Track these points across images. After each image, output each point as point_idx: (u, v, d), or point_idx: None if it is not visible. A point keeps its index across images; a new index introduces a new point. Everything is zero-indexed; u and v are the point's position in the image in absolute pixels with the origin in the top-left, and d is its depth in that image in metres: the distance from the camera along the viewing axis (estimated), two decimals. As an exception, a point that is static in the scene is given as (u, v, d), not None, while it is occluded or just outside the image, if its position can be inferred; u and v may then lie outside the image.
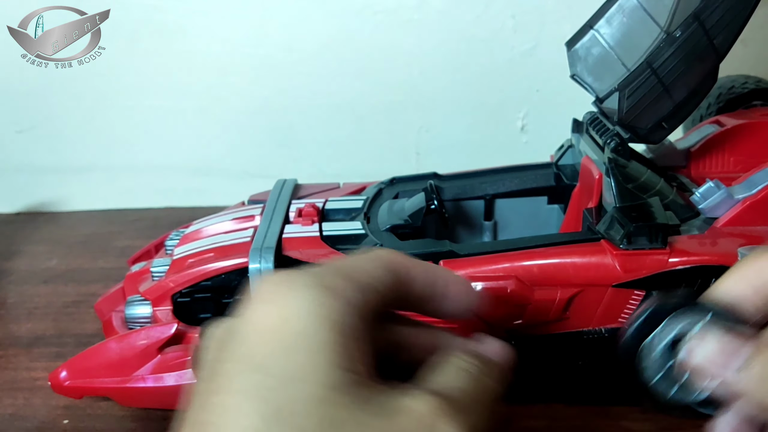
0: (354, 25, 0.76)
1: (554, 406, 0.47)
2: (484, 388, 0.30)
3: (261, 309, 0.29)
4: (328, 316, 0.28)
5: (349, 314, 0.29)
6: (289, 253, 0.47)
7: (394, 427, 0.27)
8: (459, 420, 0.27)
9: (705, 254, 0.44)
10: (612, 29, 0.50)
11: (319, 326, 0.28)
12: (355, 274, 0.30)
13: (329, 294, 0.29)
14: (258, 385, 0.26)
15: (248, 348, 0.27)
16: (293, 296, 0.28)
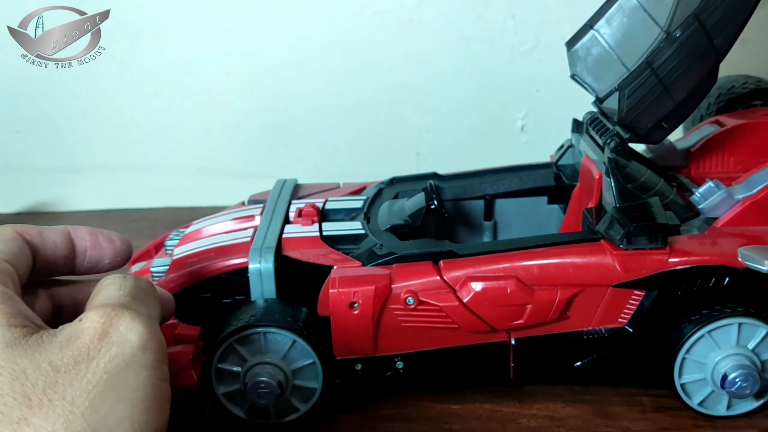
0: (354, 25, 0.76)
1: (554, 406, 0.47)
2: (136, 285, 0.35)
3: None
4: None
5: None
6: (289, 253, 0.48)
7: (78, 347, 0.30)
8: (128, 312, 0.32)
9: (705, 254, 0.44)
10: (612, 29, 0.50)
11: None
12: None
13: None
14: None
15: None
16: None
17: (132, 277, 0.36)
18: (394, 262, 0.46)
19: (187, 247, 0.50)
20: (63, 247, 0.37)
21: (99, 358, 0.30)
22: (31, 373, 0.29)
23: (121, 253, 0.40)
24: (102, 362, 0.30)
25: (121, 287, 0.34)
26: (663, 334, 0.45)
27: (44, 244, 0.37)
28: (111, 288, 0.34)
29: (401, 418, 0.47)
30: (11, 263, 0.34)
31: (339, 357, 0.46)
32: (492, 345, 0.46)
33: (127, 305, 0.33)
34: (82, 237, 0.38)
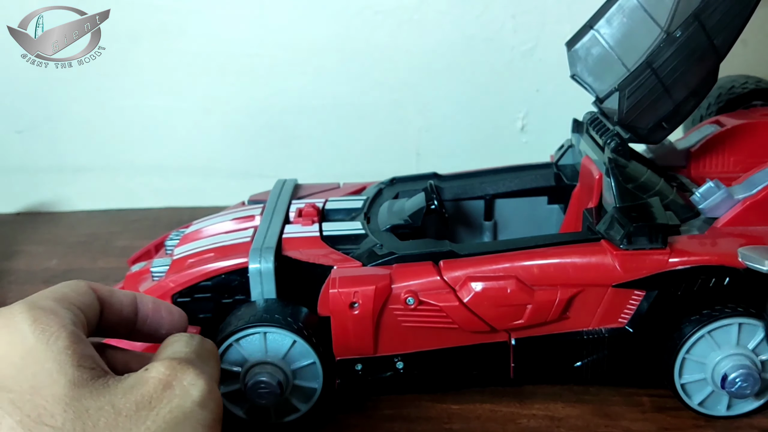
0: (354, 25, 0.76)
1: (554, 406, 0.47)
2: (202, 345, 0.36)
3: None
4: (47, 330, 0.32)
5: (66, 325, 0.33)
6: (289, 253, 0.48)
7: (142, 394, 0.31)
8: (193, 368, 0.33)
9: (705, 254, 0.44)
10: (612, 29, 0.50)
11: (43, 340, 0.32)
12: (63, 296, 0.35)
13: (43, 313, 0.33)
14: (5, 399, 0.30)
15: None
16: (11, 323, 0.32)
17: (198, 337, 0.37)
18: (394, 262, 0.46)
19: (187, 247, 0.50)
20: (128, 310, 0.39)
21: (160, 408, 0.31)
22: (94, 413, 0.30)
23: (177, 327, 0.41)
24: (162, 412, 0.31)
25: (188, 344, 0.36)
26: (663, 334, 0.45)
27: (112, 303, 0.38)
28: (178, 344, 0.36)
29: (401, 418, 0.47)
30: (84, 313, 0.35)
31: (339, 357, 0.46)
32: (492, 345, 0.46)
33: (192, 362, 0.34)
34: (146, 304, 0.40)
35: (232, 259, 0.47)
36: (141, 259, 0.57)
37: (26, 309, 0.33)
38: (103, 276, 0.66)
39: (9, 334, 0.32)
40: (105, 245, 0.74)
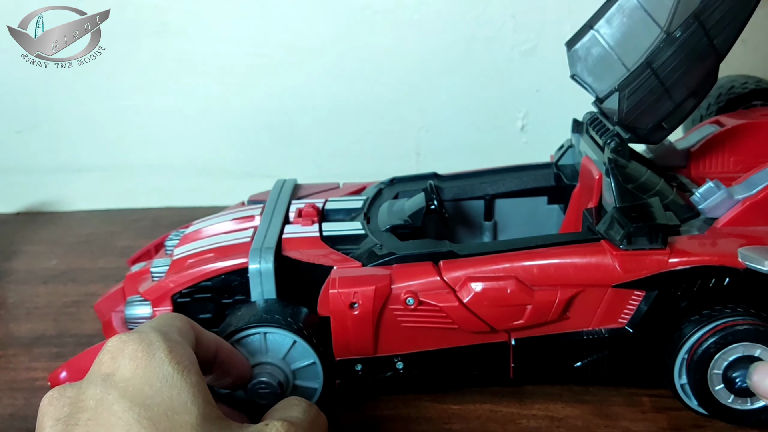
0: (354, 25, 0.76)
1: (554, 406, 0.47)
2: (316, 415, 0.39)
3: (126, 363, 0.35)
4: (182, 362, 0.35)
5: (195, 362, 0.36)
6: (288, 254, 0.48)
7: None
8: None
9: (705, 254, 0.44)
10: (612, 29, 0.50)
11: (180, 370, 0.34)
12: (182, 332, 0.38)
13: (176, 345, 0.36)
14: (143, 415, 0.33)
15: (126, 391, 0.33)
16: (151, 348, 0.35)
17: (315, 407, 0.40)
18: (394, 262, 0.46)
19: (187, 247, 0.50)
20: (211, 352, 0.41)
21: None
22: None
23: (244, 378, 0.43)
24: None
25: (305, 412, 0.39)
26: (663, 334, 0.45)
27: (202, 343, 0.40)
28: (297, 409, 0.39)
29: (401, 418, 0.47)
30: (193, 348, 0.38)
31: (339, 357, 0.46)
32: (492, 345, 0.46)
33: (306, 429, 0.37)
34: (224, 350, 0.42)
35: (232, 260, 0.47)
36: (141, 259, 0.57)
37: (162, 338, 0.36)
38: (103, 276, 0.66)
39: (149, 358, 0.35)
40: (105, 245, 0.74)
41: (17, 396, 0.51)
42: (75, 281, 0.67)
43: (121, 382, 0.34)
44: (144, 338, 0.35)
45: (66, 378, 0.46)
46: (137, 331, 0.36)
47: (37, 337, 0.58)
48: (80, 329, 0.58)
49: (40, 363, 0.54)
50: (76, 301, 0.63)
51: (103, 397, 0.33)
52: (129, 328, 0.48)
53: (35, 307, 0.63)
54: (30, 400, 0.50)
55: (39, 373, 0.53)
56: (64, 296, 0.64)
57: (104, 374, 0.35)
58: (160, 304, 0.47)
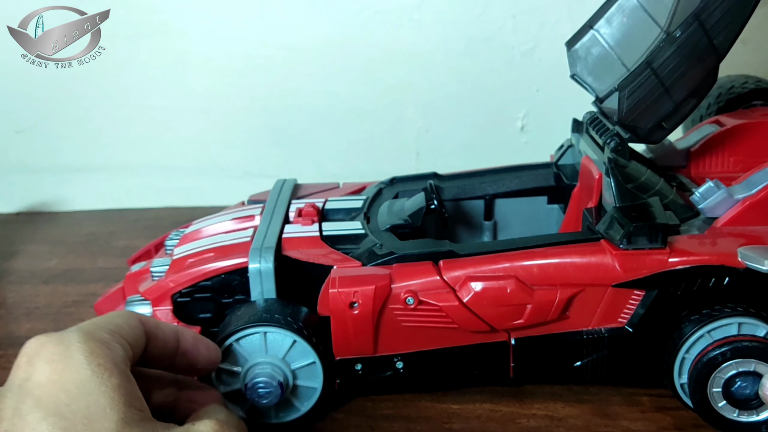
0: (354, 25, 0.76)
1: (554, 405, 0.47)
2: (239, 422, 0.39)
3: (42, 367, 0.33)
4: (103, 364, 0.33)
5: (118, 363, 0.34)
6: (288, 253, 0.48)
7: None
8: None
9: (705, 254, 0.44)
10: (612, 29, 0.50)
11: (100, 373, 0.33)
12: (116, 329, 0.36)
13: (101, 345, 0.34)
14: (57, 426, 0.31)
15: (41, 400, 0.32)
16: (69, 351, 0.33)
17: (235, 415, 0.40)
18: (394, 262, 0.46)
19: (187, 247, 0.50)
20: (170, 344, 0.40)
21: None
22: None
23: (214, 363, 0.43)
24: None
25: (228, 416, 0.39)
26: (663, 334, 0.45)
27: (156, 336, 0.39)
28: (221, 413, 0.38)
29: (401, 418, 0.47)
30: (132, 347, 0.37)
31: (339, 357, 0.46)
32: (492, 345, 0.46)
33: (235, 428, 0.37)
34: (186, 339, 0.41)
35: (232, 259, 0.47)
36: (141, 259, 0.57)
37: (83, 339, 0.34)
38: (103, 276, 0.66)
39: (65, 361, 0.33)
40: (105, 245, 0.74)
41: (17, 396, 0.51)
42: (75, 281, 0.67)
43: (36, 388, 0.33)
44: (63, 339, 0.34)
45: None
46: (58, 333, 0.35)
47: (37, 336, 0.58)
48: (80, 329, 0.58)
49: (40, 363, 0.54)
50: (76, 301, 0.63)
51: (18, 406, 0.32)
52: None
53: (35, 307, 0.63)
54: (30, 400, 0.50)
55: (39, 372, 0.53)
56: (64, 296, 0.64)
57: (20, 380, 0.33)
58: (160, 303, 0.47)
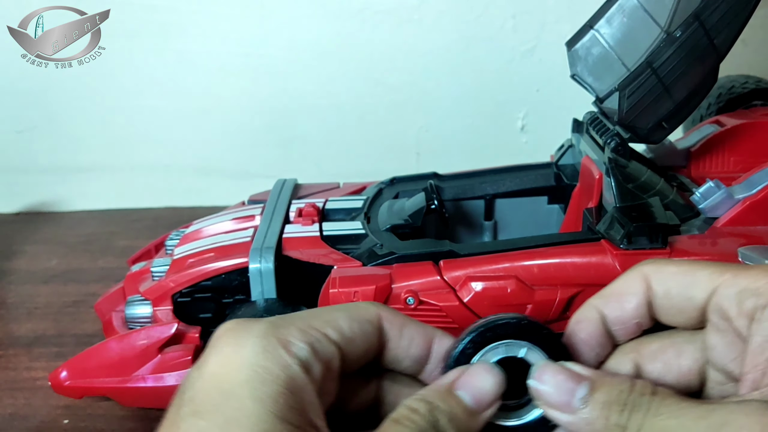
0: (354, 25, 0.76)
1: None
2: None
3: (212, 356, 0.30)
4: (270, 368, 0.29)
5: (289, 366, 0.30)
6: (289, 253, 0.48)
7: None
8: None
9: (705, 254, 0.44)
10: (612, 29, 0.50)
11: (261, 376, 0.29)
12: (319, 327, 0.31)
13: (277, 345, 0.30)
14: (198, 428, 0.28)
15: (194, 393, 0.29)
16: (241, 345, 0.30)
17: None
18: (395, 261, 0.46)
19: (188, 247, 0.50)
20: (417, 349, 0.34)
21: None
22: None
23: None
24: None
25: None
26: (663, 333, 0.45)
27: (400, 338, 0.33)
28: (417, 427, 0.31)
29: (401, 418, 0.47)
30: (342, 347, 0.32)
31: (339, 357, 0.46)
32: (492, 345, 0.46)
33: None
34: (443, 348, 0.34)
35: (232, 259, 0.47)
36: (141, 259, 0.57)
37: (265, 334, 0.30)
38: (103, 276, 0.66)
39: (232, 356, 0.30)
40: (105, 245, 0.74)
41: (17, 396, 0.51)
42: (75, 281, 0.67)
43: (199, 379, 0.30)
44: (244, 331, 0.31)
45: (66, 378, 0.46)
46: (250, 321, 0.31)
47: (37, 337, 0.58)
48: (80, 329, 0.58)
49: (40, 363, 0.54)
50: (76, 301, 0.62)
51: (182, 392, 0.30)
52: (129, 327, 0.48)
53: (35, 307, 0.63)
54: (30, 400, 0.50)
55: (39, 373, 0.53)
56: (64, 296, 0.64)
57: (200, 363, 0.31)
58: (161, 303, 0.47)
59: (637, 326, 0.34)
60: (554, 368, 0.32)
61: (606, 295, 0.34)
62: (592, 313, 0.34)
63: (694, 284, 0.32)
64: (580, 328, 0.34)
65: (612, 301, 0.34)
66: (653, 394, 0.30)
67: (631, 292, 0.34)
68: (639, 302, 0.33)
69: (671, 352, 0.33)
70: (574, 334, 0.34)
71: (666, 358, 0.33)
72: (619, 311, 0.34)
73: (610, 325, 0.34)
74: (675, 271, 0.33)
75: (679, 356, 0.33)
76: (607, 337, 0.34)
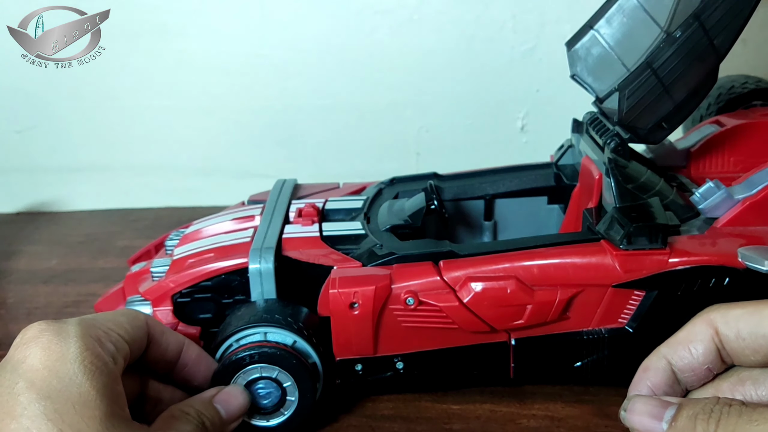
0: (354, 25, 0.76)
1: (554, 406, 0.47)
2: None
3: (37, 353, 0.35)
4: (95, 362, 0.35)
5: (108, 362, 0.36)
6: (289, 254, 0.48)
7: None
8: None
9: (705, 254, 0.44)
10: (612, 29, 0.50)
11: (91, 370, 0.35)
12: (116, 327, 0.38)
13: (95, 343, 0.36)
14: (49, 408, 0.33)
15: (34, 383, 0.34)
16: (65, 343, 0.35)
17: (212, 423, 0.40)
18: (394, 262, 0.46)
19: (187, 247, 0.50)
20: (171, 353, 0.42)
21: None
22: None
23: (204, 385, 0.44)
24: None
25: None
26: (663, 334, 0.45)
27: (160, 343, 0.41)
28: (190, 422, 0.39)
29: (401, 418, 0.47)
30: (130, 347, 0.39)
31: (339, 357, 0.46)
32: (492, 345, 0.46)
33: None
34: (190, 353, 0.43)
35: (232, 260, 0.47)
36: (141, 259, 0.57)
37: (80, 335, 0.36)
38: (103, 276, 0.66)
39: (60, 352, 0.35)
40: (105, 245, 0.74)
41: (17, 396, 0.51)
42: (75, 281, 0.67)
43: (29, 371, 0.34)
44: (62, 330, 0.36)
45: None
46: (59, 322, 0.37)
47: (37, 337, 0.58)
48: (80, 329, 0.58)
49: (40, 363, 0.54)
50: (76, 301, 0.63)
51: (11, 385, 0.34)
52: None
53: (35, 307, 0.63)
54: (30, 400, 0.50)
55: (39, 373, 0.53)
56: (64, 296, 0.64)
57: (16, 360, 0.35)
58: (160, 303, 0.47)
59: (707, 372, 0.36)
60: (644, 398, 0.36)
61: (673, 344, 0.37)
62: (660, 362, 0.37)
63: (762, 322, 0.35)
64: (648, 376, 0.37)
65: (679, 349, 0.37)
66: (743, 405, 0.33)
67: (698, 339, 0.36)
68: (707, 348, 0.36)
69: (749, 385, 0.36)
70: (642, 381, 0.37)
71: (744, 390, 0.36)
72: (688, 358, 0.36)
73: (680, 373, 0.37)
74: (741, 313, 0.35)
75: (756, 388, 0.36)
76: (676, 384, 0.37)
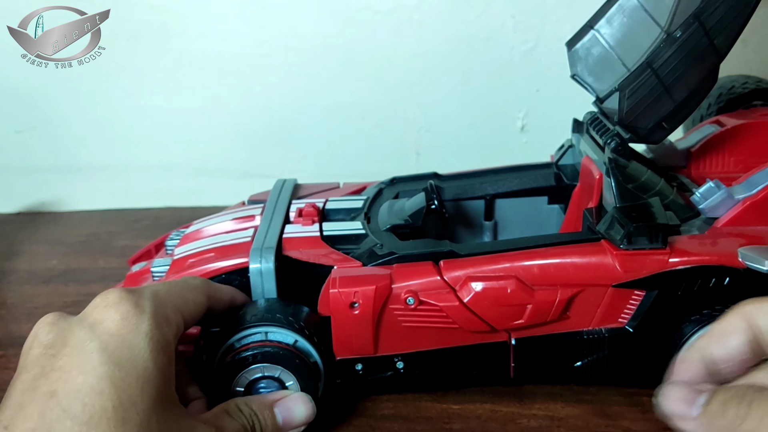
0: (354, 25, 0.76)
1: (554, 405, 0.47)
2: None
3: (115, 318, 0.37)
4: (161, 341, 0.37)
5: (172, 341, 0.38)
6: (289, 253, 0.48)
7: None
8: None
9: (705, 254, 0.44)
10: (612, 29, 0.51)
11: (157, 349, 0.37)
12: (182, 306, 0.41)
13: (163, 323, 0.38)
14: (116, 375, 0.35)
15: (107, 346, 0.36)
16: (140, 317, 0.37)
17: None
18: (395, 262, 0.46)
19: (188, 247, 0.50)
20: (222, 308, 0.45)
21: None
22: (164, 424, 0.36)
23: None
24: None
25: None
26: (663, 334, 0.45)
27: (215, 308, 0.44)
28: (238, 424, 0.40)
29: (401, 418, 0.47)
30: (186, 325, 0.41)
31: (339, 357, 0.46)
32: (492, 345, 0.46)
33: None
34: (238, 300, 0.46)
35: (232, 259, 0.47)
36: (141, 259, 0.57)
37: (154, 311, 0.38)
38: (103, 276, 0.66)
39: (135, 323, 0.37)
40: (105, 245, 0.74)
41: (17, 396, 0.51)
42: (75, 281, 0.67)
43: (105, 334, 0.36)
44: (138, 304, 0.38)
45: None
46: (135, 293, 0.38)
47: (38, 336, 0.58)
48: (80, 329, 0.58)
49: (41, 363, 0.54)
50: (76, 301, 0.62)
51: (86, 342, 0.36)
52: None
53: (35, 307, 0.63)
54: (30, 400, 0.50)
55: (39, 372, 0.53)
56: (64, 296, 0.64)
57: (94, 319, 0.37)
58: (161, 303, 0.47)
59: (742, 364, 0.37)
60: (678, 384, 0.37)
61: (708, 337, 0.38)
62: (695, 355, 0.38)
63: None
64: (684, 368, 0.38)
65: (714, 341, 0.37)
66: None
67: (733, 331, 0.37)
68: (743, 339, 0.36)
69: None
70: (677, 374, 0.38)
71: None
72: (723, 351, 0.37)
73: (715, 365, 0.37)
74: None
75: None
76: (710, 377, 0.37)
